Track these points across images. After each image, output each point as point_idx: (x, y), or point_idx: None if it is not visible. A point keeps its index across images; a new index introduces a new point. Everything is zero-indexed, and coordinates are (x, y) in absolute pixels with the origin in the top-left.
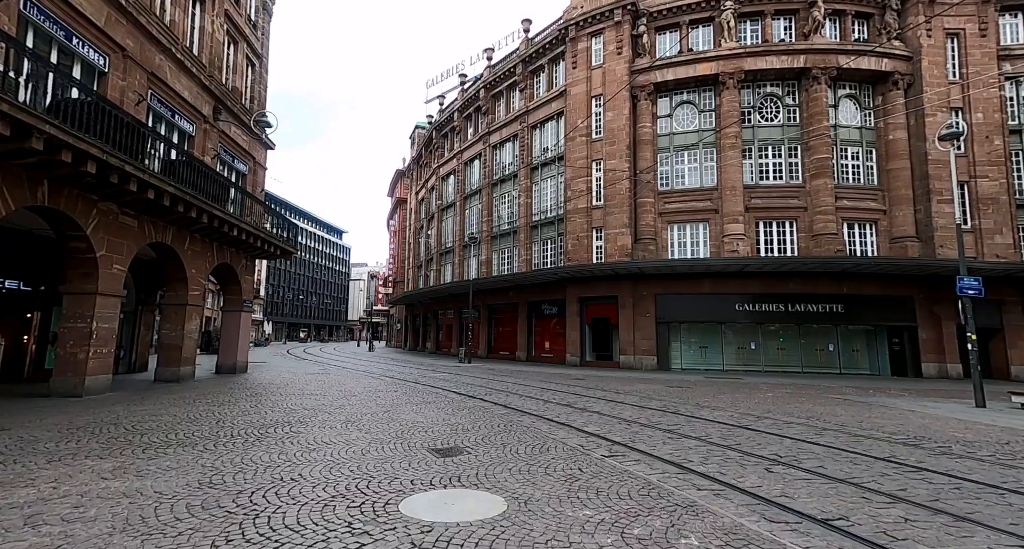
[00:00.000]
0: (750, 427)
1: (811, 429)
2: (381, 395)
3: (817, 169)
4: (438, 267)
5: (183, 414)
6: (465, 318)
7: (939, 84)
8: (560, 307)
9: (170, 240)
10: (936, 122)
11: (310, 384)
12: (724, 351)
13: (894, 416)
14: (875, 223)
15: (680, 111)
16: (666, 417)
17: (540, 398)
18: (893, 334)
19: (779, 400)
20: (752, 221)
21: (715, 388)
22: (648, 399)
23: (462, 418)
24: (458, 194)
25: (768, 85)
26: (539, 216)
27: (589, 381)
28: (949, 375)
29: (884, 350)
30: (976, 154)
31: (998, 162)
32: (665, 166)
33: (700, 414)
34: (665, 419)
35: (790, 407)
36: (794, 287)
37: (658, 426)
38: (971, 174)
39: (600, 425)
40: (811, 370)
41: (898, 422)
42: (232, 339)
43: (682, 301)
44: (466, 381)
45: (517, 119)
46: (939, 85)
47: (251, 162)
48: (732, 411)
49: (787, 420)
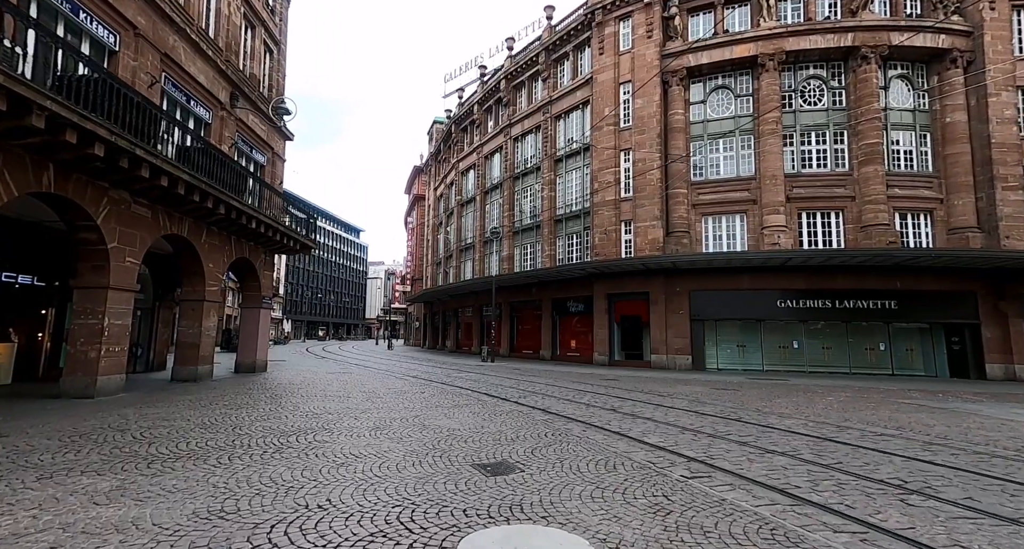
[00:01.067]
0: (837, 440)
1: (912, 442)
2: (408, 397)
3: (866, 155)
4: (457, 264)
5: (197, 419)
6: (487, 316)
7: (1003, 61)
8: (587, 304)
9: (186, 232)
10: (1000, 102)
11: (332, 384)
12: (764, 350)
13: (996, 426)
14: (930, 213)
15: (715, 96)
16: (731, 426)
17: (579, 401)
18: (952, 332)
19: (845, 405)
20: (794, 212)
21: (765, 390)
22: (698, 403)
23: (502, 425)
24: (478, 189)
25: (811, 67)
26: (563, 210)
27: (624, 382)
28: (1017, 377)
29: (942, 350)
30: None
31: None
32: (699, 155)
33: (768, 422)
34: (731, 428)
35: (865, 414)
36: (842, 282)
37: (728, 437)
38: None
39: (661, 435)
40: (860, 371)
41: (1008, 434)
42: (251, 337)
43: (718, 297)
44: (493, 381)
45: (540, 110)
46: (1003, 62)
47: (269, 153)
48: (801, 418)
49: (875, 431)
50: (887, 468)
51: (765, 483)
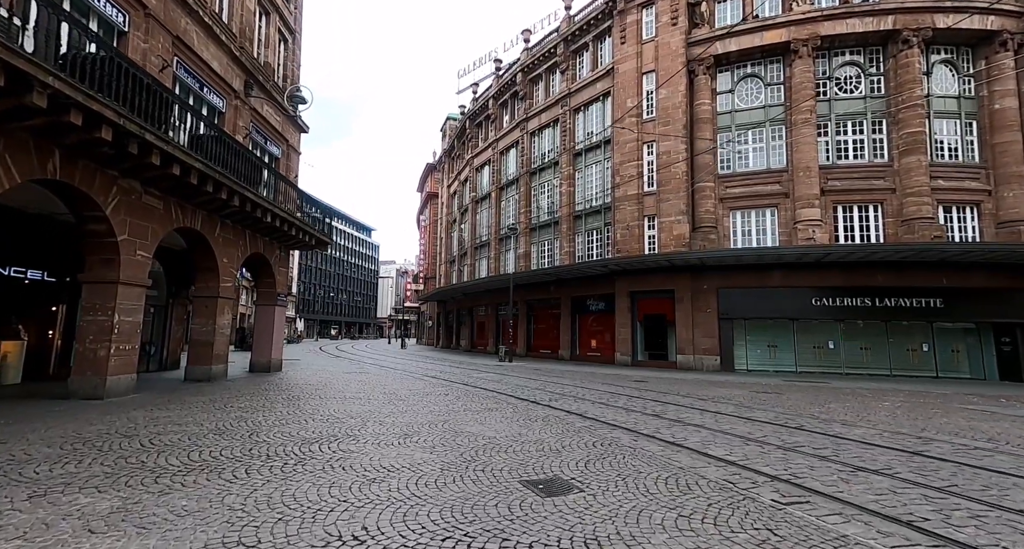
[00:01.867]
0: (929, 454)
1: (1020, 459)
2: (431, 399)
3: (908, 145)
4: (472, 262)
5: (211, 423)
6: (503, 315)
7: None
8: (608, 302)
9: (199, 225)
10: None
11: (350, 385)
12: (797, 351)
13: None
14: (977, 206)
15: (744, 85)
16: (797, 435)
17: (615, 405)
18: (1002, 332)
19: (909, 412)
20: (829, 205)
21: (809, 394)
22: (746, 408)
23: (541, 432)
24: (493, 185)
25: (847, 52)
26: (583, 205)
27: (655, 384)
28: None
29: (991, 350)
30: None
31: None
32: (726, 147)
33: (835, 431)
34: (799, 439)
35: (938, 422)
36: (882, 279)
37: (800, 449)
38: None
39: (724, 447)
40: (901, 373)
41: None
42: (266, 335)
43: (749, 295)
44: (517, 382)
45: (558, 103)
46: None
47: (284, 145)
48: (869, 427)
49: (964, 443)
50: (1019, 493)
51: (882, 513)
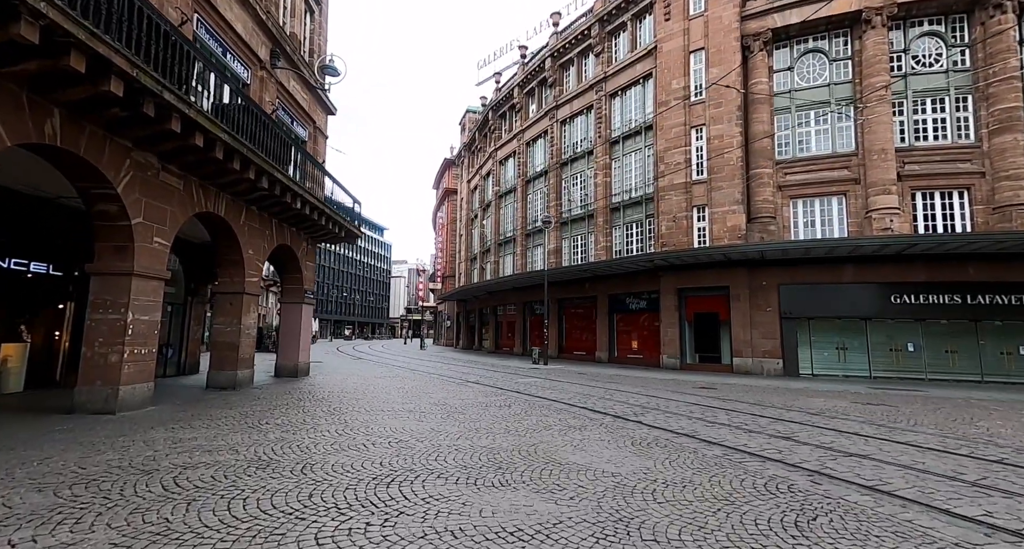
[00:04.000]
0: None
1: None
2: (492, 412)
3: (1001, 123)
4: (496, 259)
5: (248, 449)
6: (535, 314)
7: None
8: (650, 300)
9: (223, 211)
10: None
11: (390, 393)
12: (871, 354)
13: None
14: None
15: (804, 62)
16: (1010, 472)
17: (719, 422)
18: None
19: None
20: (906, 192)
21: (929, 405)
22: (884, 427)
23: (673, 467)
24: (519, 178)
25: (926, 22)
26: (620, 196)
27: (726, 391)
28: None
29: None
30: None
31: None
32: (785, 130)
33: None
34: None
35: None
36: (975, 273)
37: None
38: None
39: (948, 493)
40: (994, 380)
41: None
42: (293, 336)
43: (814, 292)
44: (575, 390)
45: (592, 88)
46: None
47: (311, 127)
48: None
49: None
50: None
51: None
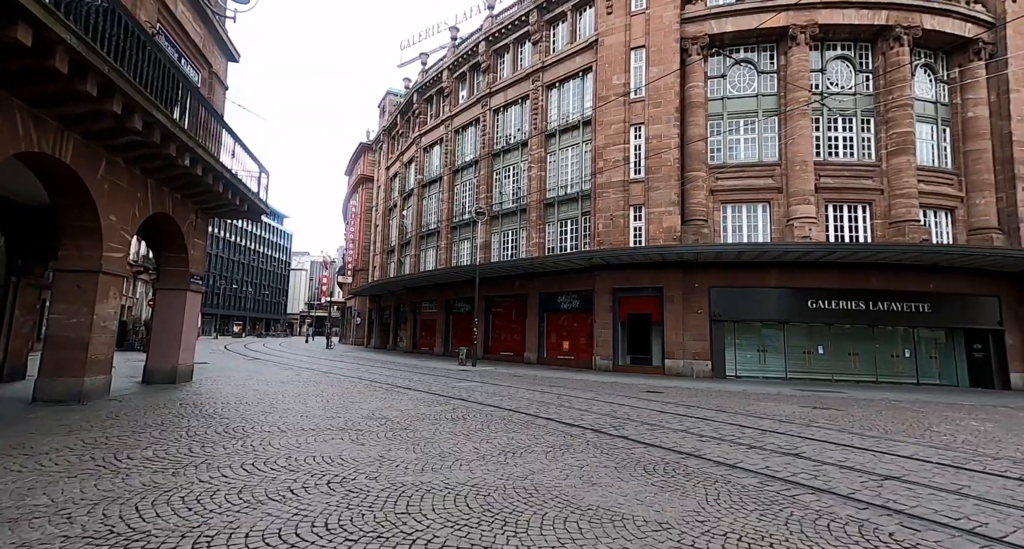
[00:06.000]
0: None
1: None
2: (446, 428)
3: (897, 145)
4: (416, 253)
5: (93, 514)
6: (459, 311)
7: (1023, 58)
8: (583, 300)
9: (68, 155)
10: (1022, 98)
11: (306, 402)
12: (787, 356)
13: None
14: (951, 211)
15: (736, 71)
16: (992, 482)
17: (705, 434)
18: (973, 339)
19: (997, 430)
20: (822, 203)
21: (863, 408)
22: (870, 438)
23: (724, 510)
24: (446, 167)
25: (839, 46)
26: (556, 191)
27: (679, 396)
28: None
29: (962, 357)
30: None
31: None
32: (718, 136)
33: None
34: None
35: None
36: (876, 282)
37: None
38: None
39: (1004, 522)
40: (886, 380)
41: None
42: (172, 331)
43: (742, 296)
44: (526, 396)
45: (528, 77)
46: (1023, 58)
47: (205, 71)
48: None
49: None
50: None
51: None
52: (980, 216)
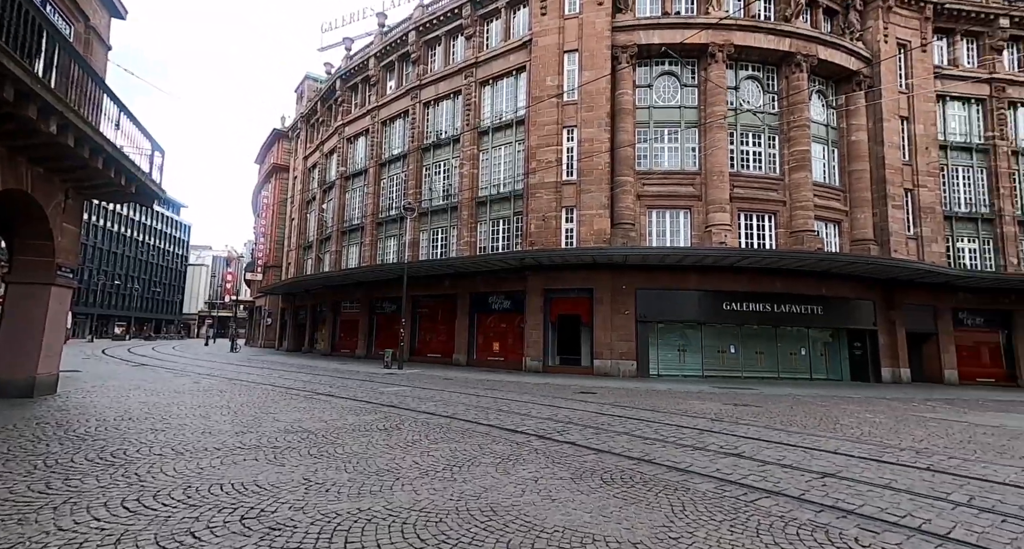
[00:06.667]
0: None
1: None
2: (380, 441)
3: (797, 162)
4: (337, 249)
5: None
6: (388, 312)
7: (892, 91)
8: (514, 300)
9: None
10: (891, 128)
11: (208, 414)
12: (704, 355)
13: None
14: (838, 224)
15: (661, 82)
16: (911, 475)
17: (649, 436)
18: (854, 338)
19: (888, 422)
20: (735, 212)
21: (776, 403)
22: (769, 428)
23: (693, 523)
24: (371, 160)
25: (750, 67)
26: (488, 190)
27: (611, 396)
28: (902, 380)
29: (845, 354)
30: (918, 164)
31: (934, 173)
32: (645, 143)
33: (978, 471)
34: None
35: (962, 435)
36: (780, 286)
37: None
38: (914, 183)
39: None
40: (786, 376)
41: None
42: (29, 333)
43: (666, 297)
44: (461, 401)
45: (461, 72)
46: (892, 92)
47: (80, 24)
48: (937, 451)
49: None
50: None
51: None
52: (860, 229)
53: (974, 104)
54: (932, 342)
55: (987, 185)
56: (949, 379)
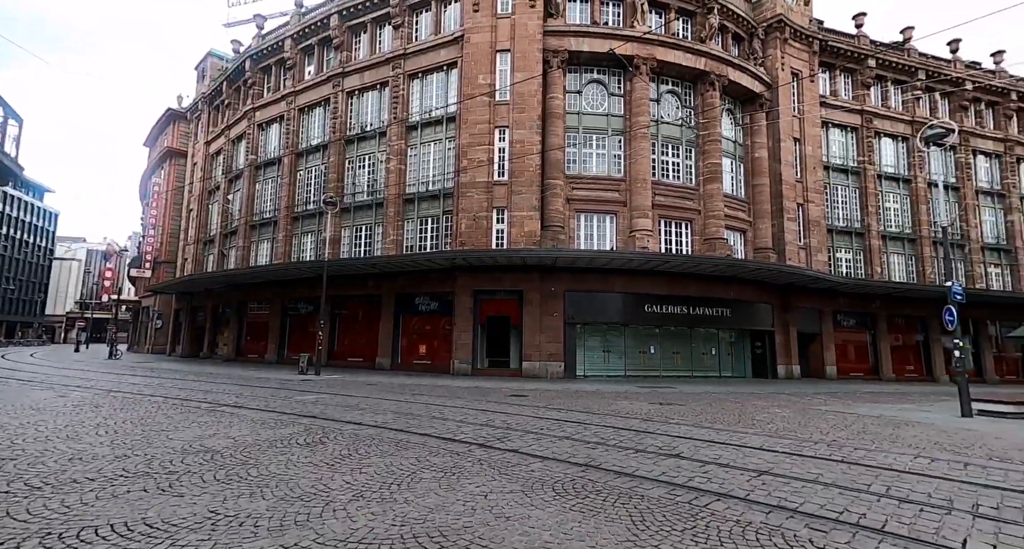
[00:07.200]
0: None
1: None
2: (301, 458)
3: (710, 174)
4: (245, 244)
5: None
6: (303, 313)
7: (787, 114)
8: (443, 302)
9: None
10: (786, 148)
11: (85, 440)
12: (626, 355)
13: (955, 432)
14: (744, 233)
15: (590, 90)
16: (833, 468)
17: (591, 440)
18: (755, 338)
19: (795, 416)
20: (657, 218)
21: (697, 401)
22: (697, 426)
23: (656, 535)
24: (287, 149)
25: (669, 82)
26: (417, 187)
27: (543, 398)
28: (793, 376)
29: (748, 353)
30: (808, 182)
31: (820, 191)
32: (574, 147)
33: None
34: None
35: (856, 426)
36: (695, 289)
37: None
38: (804, 198)
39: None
40: (699, 374)
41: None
42: None
43: (592, 300)
44: (389, 408)
45: (389, 63)
46: (787, 115)
47: None
48: (838, 444)
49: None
50: None
51: None
52: (762, 238)
53: (849, 131)
54: (817, 341)
55: (859, 203)
56: (829, 374)
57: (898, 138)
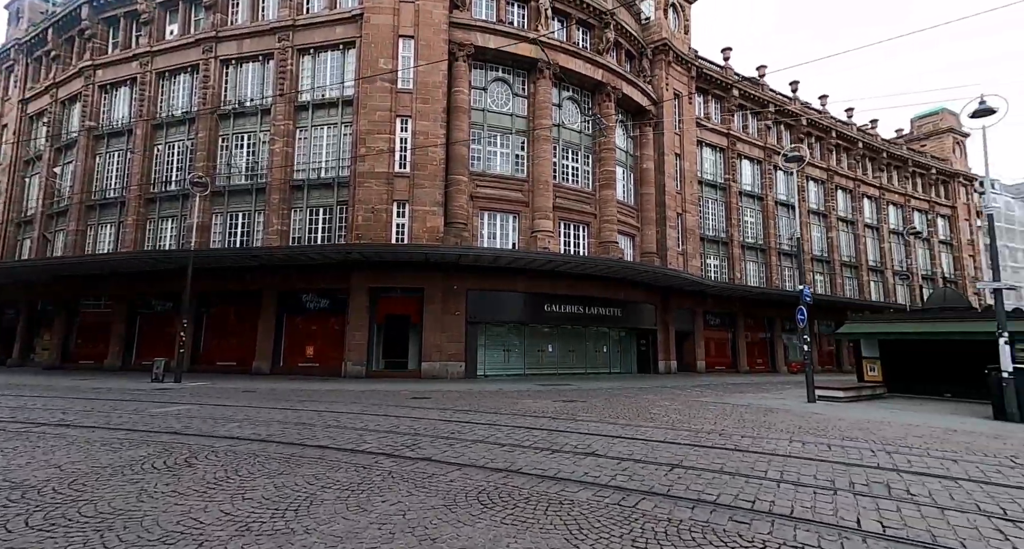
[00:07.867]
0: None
1: (881, 455)
2: (161, 485)
3: (605, 180)
4: (79, 228)
5: None
6: (158, 311)
7: (670, 130)
8: (335, 299)
9: None
10: (669, 161)
11: None
12: (526, 354)
13: (812, 419)
14: (633, 237)
15: (495, 88)
16: (733, 457)
17: (507, 442)
18: (641, 336)
19: (684, 408)
20: (557, 220)
21: (596, 397)
22: (603, 422)
23: (583, 546)
24: (140, 117)
25: (571, 89)
26: (307, 173)
27: (447, 400)
28: (671, 370)
29: (634, 350)
30: (686, 194)
31: (695, 203)
32: (478, 144)
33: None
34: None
35: (735, 415)
36: (590, 290)
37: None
38: (683, 209)
39: None
40: (592, 371)
41: (866, 426)
42: None
43: (495, 299)
44: (275, 418)
45: (274, 33)
46: (670, 131)
47: None
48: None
49: (831, 442)
50: None
51: None
52: (648, 243)
53: (718, 151)
54: (690, 339)
55: (725, 216)
56: (700, 368)
57: (754, 160)
